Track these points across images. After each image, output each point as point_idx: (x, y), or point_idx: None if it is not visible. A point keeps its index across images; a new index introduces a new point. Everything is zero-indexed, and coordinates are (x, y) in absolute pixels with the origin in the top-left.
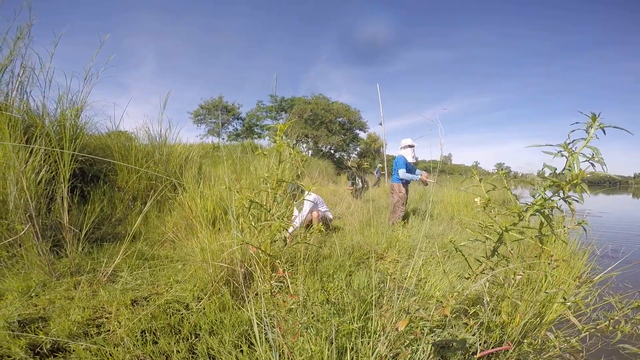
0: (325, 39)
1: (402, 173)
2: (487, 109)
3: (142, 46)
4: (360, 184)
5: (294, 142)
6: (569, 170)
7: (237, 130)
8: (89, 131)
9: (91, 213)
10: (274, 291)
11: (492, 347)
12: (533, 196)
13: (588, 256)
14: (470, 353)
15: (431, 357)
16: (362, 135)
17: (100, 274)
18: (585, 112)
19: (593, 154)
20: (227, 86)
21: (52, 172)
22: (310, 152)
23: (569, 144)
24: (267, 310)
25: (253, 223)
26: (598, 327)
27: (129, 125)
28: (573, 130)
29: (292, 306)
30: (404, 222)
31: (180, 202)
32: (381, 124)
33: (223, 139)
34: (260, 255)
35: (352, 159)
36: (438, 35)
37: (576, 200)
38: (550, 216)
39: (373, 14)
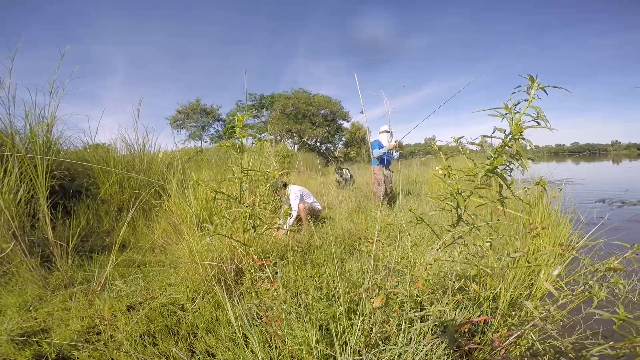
0: (301, 34)
1: (375, 152)
2: (465, 90)
3: (111, 55)
4: (348, 174)
5: (279, 137)
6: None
7: (218, 132)
8: (63, 146)
9: (76, 227)
10: (255, 280)
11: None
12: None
13: (573, 224)
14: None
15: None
16: (346, 125)
17: (94, 284)
18: (524, 75)
19: (537, 113)
20: (204, 89)
21: (30, 191)
22: (296, 146)
23: (513, 105)
24: (248, 300)
25: (225, 214)
26: (574, 294)
27: (105, 137)
28: (514, 92)
29: (274, 293)
30: (387, 204)
31: (166, 209)
32: (362, 112)
33: (206, 141)
34: (235, 245)
35: (338, 149)
36: (413, 23)
37: (531, 159)
38: (507, 177)
39: (348, 5)
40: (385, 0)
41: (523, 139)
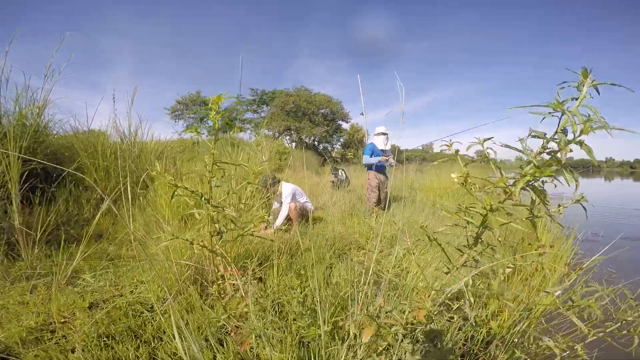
0: (306, 33)
1: (365, 159)
2: (468, 98)
3: (118, 47)
4: (344, 175)
5: (277, 134)
6: (563, 132)
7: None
8: (53, 130)
9: (54, 214)
10: (222, 294)
11: (479, 345)
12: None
13: (572, 240)
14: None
15: None
16: (345, 126)
17: (60, 276)
18: (574, 69)
19: (590, 114)
20: (207, 84)
21: (4, 174)
22: (293, 144)
23: (561, 102)
24: (217, 314)
25: (196, 214)
26: (608, 331)
27: (102, 123)
28: (562, 87)
29: (244, 309)
30: (380, 210)
31: (150, 200)
32: (362, 114)
33: (203, 133)
34: (206, 251)
35: (336, 149)
36: (420, 26)
37: (587, 167)
38: (544, 191)
39: (354, 6)
40: (391, 3)
41: (582, 144)
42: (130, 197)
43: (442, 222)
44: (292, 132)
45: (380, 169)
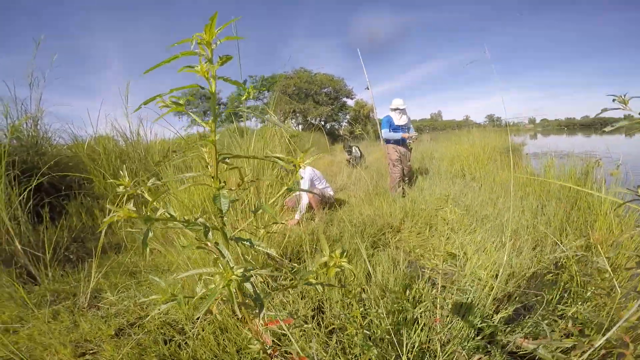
0: (300, 14)
1: (384, 133)
2: (465, 67)
3: (105, 46)
4: (358, 152)
5: (282, 118)
6: None
7: (221, 116)
8: (53, 140)
9: (67, 228)
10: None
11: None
12: None
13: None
14: None
15: None
16: (350, 102)
17: (81, 299)
18: None
19: None
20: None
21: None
22: (300, 126)
23: None
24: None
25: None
26: None
27: (103, 128)
28: None
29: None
30: (405, 188)
31: (165, 201)
32: (368, 88)
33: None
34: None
35: (343, 127)
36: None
37: None
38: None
39: None
40: None
41: None
42: (144, 201)
43: (480, 194)
44: (298, 114)
45: (399, 141)
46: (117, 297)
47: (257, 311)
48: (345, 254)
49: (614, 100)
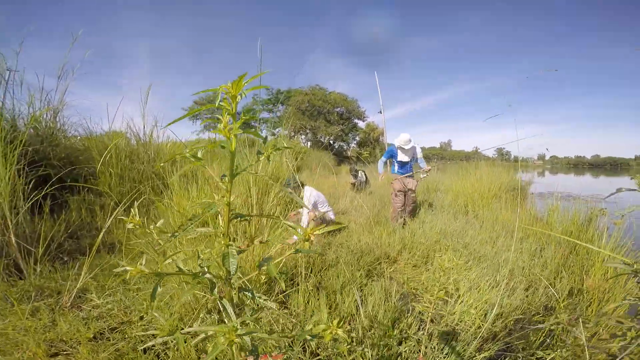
0: (320, 30)
1: (379, 162)
2: (485, 94)
3: (135, 47)
4: (364, 177)
5: (293, 133)
6: None
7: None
8: (69, 132)
9: (64, 223)
10: None
11: None
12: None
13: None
14: None
15: None
16: (361, 124)
17: (64, 298)
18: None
19: None
20: (224, 82)
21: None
22: (309, 143)
23: None
24: None
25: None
26: None
27: (119, 125)
28: None
29: None
30: (407, 220)
31: (166, 207)
32: (381, 112)
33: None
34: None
35: (351, 148)
36: (436, 24)
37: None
38: None
39: (368, 2)
40: (406, 3)
41: None
42: (146, 204)
43: (481, 232)
44: (308, 131)
45: (405, 171)
46: (102, 300)
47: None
48: (341, 322)
49: (631, 178)
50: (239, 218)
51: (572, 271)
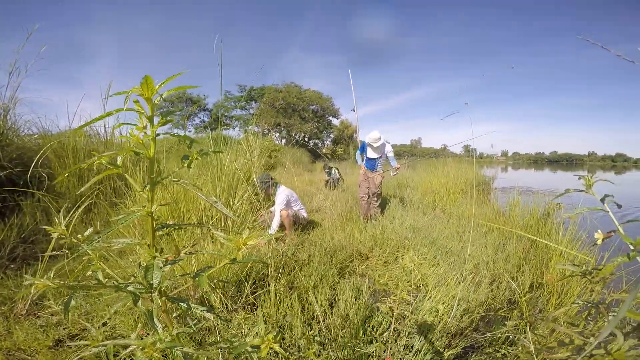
0: (294, 30)
1: (357, 154)
2: (450, 95)
3: (99, 42)
4: (337, 174)
5: (266, 131)
6: None
7: (204, 122)
8: (22, 131)
9: (17, 227)
10: None
11: None
12: None
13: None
14: None
15: None
16: (335, 122)
17: (19, 305)
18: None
19: None
20: (193, 80)
21: None
22: (283, 141)
23: None
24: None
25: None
26: None
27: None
28: None
29: None
30: (375, 216)
31: (128, 207)
32: (354, 110)
33: (190, 131)
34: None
35: (326, 146)
36: (409, 25)
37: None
38: None
39: (344, 5)
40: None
41: None
42: (109, 205)
43: (449, 227)
44: (282, 129)
45: (371, 167)
46: (60, 306)
47: None
48: (277, 336)
49: (579, 178)
50: (165, 228)
51: (533, 265)
